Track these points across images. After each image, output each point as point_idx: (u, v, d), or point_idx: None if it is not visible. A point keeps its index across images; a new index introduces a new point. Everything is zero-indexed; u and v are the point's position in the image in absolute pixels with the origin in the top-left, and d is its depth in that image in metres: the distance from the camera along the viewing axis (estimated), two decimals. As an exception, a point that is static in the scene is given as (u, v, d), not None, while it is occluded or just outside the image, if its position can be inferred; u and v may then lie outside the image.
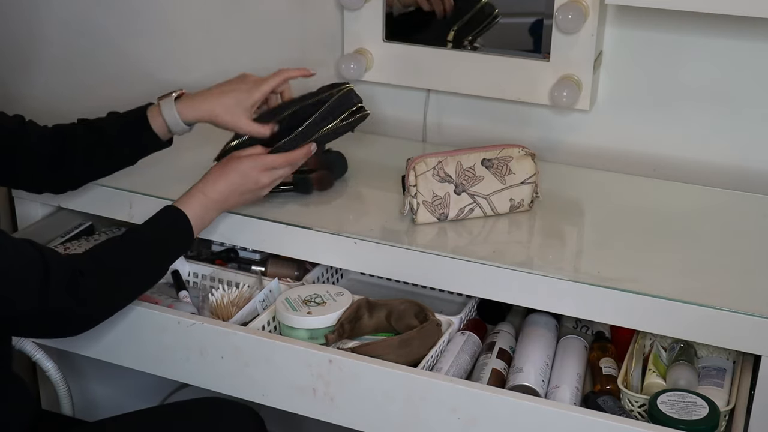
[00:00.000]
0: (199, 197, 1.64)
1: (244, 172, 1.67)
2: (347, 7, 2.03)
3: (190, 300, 1.78)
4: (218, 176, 1.67)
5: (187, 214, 1.62)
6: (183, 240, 1.64)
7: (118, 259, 1.56)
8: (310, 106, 1.74)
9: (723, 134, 1.92)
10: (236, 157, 1.69)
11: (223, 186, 1.66)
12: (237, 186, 1.67)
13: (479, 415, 1.48)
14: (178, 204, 1.64)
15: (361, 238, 1.68)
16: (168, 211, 1.63)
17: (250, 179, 1.67)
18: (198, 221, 1.64)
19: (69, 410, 1.87)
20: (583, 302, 1.56)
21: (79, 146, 1.73)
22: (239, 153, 1.70)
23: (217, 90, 1.75)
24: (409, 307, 1.66)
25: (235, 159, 1.68)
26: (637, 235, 1.71)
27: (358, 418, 1.57)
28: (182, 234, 1.63)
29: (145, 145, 1.76)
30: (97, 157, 1.75)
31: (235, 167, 1.67)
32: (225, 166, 1.68)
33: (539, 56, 1.93)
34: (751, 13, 1.60)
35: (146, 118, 1.73)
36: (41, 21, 2.44)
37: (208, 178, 1.67)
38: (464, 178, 1.72)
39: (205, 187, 1.65)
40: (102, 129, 1.75)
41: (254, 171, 1.67)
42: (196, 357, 1.64)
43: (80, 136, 1.74)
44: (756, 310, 1.47)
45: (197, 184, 1.67)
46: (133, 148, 1.76)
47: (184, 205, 1.63)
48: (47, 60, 2.47)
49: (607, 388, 1.59)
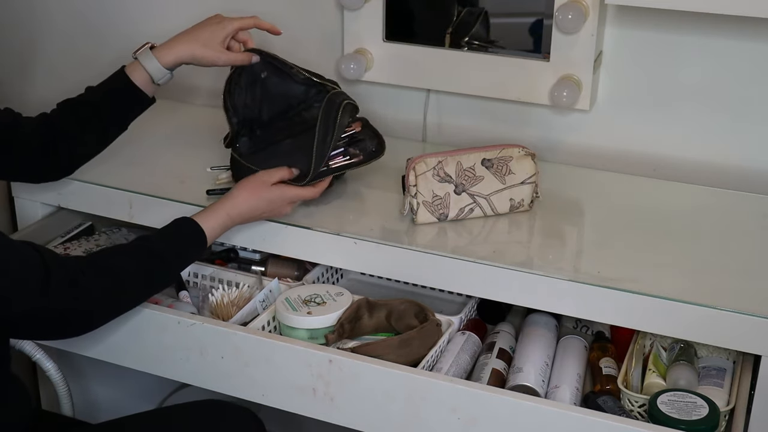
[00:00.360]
0: (222, 216, 1.65)
1: (272, 200, 1.69)
2: (347, 7, 2.03)
3: (190, 300, 1.78)
4: (245, 200, 1.67)
5: (204, 229, 1.63)
6: (194, 253, 1.65)
7: (121, 263, 1.55)
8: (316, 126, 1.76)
9: (723, 134, 1.92)
10: (266, 183, 1.70)
11: (246, 210, 1.68)
12: (260, 213, 1.70)
13: (479, 415, 1.48)
14: (198, 218, 1.64)
15: (361, 238, 1.68)
16: (185, 222, 1.63)
17: (275, 210, 1.71)
18: (212, 236, 1.65)
19: (69, 410, 1.87)
20: (583, 302, 1.56)
21: (69, 125, 1.73)
22: (270, 177, 1.70)
23: (190, 29, 1.77)
24: (409, 307, 1.66)
25: (266, 187, 1.69)
26: (637, 235, 1.71)
27: (358, 418, 1.57)
28: (194, 247, 1.64)
29: (131, 104, 1.76)
30: (88, 130, 1.75)
31: (265, 196, 1.68)
32: (255, 191, 1.68)
33: (539, 56, 1.93)
34: (751, 13, 1.60)
35: (126, 75, 1.74)
36: (40, 23, 2.44)
37: (236, 199, 1.67)
38: (464, 178, 1.72)
39: (231, 209, 1.66)
40: (87, 102, 1.75)
41: (282, 202, 1.70)
42: (196, 357, 1.64)
43: (67, 115, 1.74)
44: (756, 310, 1.47)
45: (223, 202, 1.67)
46: (121, 110, 1.76)
47: (204, 219, 1.64)
48: (46, 61, 2.47)
49: (607, 388, 1.59)
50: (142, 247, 1.59)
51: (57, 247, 1.92)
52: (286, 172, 1.72)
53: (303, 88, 1.80)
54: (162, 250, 1.60)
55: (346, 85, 2.16)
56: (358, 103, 2.06)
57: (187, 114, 2.26)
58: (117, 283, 1.54)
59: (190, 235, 1.62)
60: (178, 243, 1.63)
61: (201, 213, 1.65)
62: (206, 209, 1.67)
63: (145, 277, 1.58)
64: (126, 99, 1.75)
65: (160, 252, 1.59)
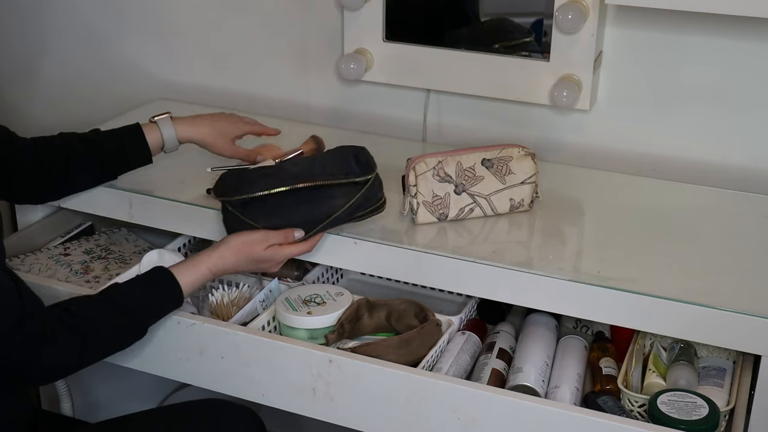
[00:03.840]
0: (203, 272, 1.59)
1: (261, 261, 1.62)
2: (347, 7, 2.03)
3: (190, 300, 1.78)
4: (232, 256, 1.61)
5: (181, 285, 1.57)
6: (169, 309, 1.60)
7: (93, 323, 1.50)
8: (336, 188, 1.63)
9: (723, 134, 1.92)
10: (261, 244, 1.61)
11: (231, 268, 1.62)
12: (245, 268, 1.64)
13: (479, 415, 1.48)
14: (178, 271, 1.58)
15: (361, 238, 1.68)
16: (162, 277, 1.58)
17: (262, 267, 1.65)
18: (190, 291, 1.59)
19: (69, 410, 1.87)
20: (583, 302, 1.56)
21: (70, 158, 1.74)
22: (266, 239, 1.61)
23: (209, 116, 1.86)
24: (409, 307, 1.66)
25: (259, 249, 1.61)
26: (637, 235, 1.71)
27: (358, 418, 1.57)
28: (170, 303, 1.59)
29: (136, 160, 1.79)
30: (84, 170, 1.77)
31: (256, 257, 1.61)
32: (245, 250, 1.61)
33: (539, 56, 1.93)
34: (751, 13, 1.60)
35: (142, 133, 1.78)
36: (45, 23, 2.44)
37: (223, 253, 1.61)
38: (464, 178, 1.72)
39: (215, 266, 1.60)
40: (93, 142, 1.77)
41: (271, 262, 1.63)
42: (196, 357, 1.64)
43: (70, 148, 1.75)
44: (756, 310, 1.47)
45: (209, 255, 1.60)
46: (123, 161, 1.79)
47: (184, 273, 1.58)
48: (49, 61, 2.47)
49: (607, 388, 1.59)
50: (116, 305, 1.53)
51: (57, 247, 1.92)
52: (288, 237, 1.63)
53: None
54: (135, 308, 1.55)
55: (346, 84, 2.17)
56: (358, 102, 2.07)
57: (187, 113, 2.26)
58: (85, 346, 1.49)
59: (166, 291, 1.57)
60: (153, 300, 1.57)
61: (182, 265, 1.60)
62: (188, 261, 1.61)
63: (115, 338, 1.54)
64: (133, 154, 1.79)
65: (132, 310, 1.54)
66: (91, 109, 2.41)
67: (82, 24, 2.40)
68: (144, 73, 2.37)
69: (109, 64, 2.41)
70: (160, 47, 2.34)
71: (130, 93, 2.38)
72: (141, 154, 1.79)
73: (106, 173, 1.80)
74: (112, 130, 1.80)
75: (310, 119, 2.24)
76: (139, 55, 2.36)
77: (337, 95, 2.20)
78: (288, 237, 1.63)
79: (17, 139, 1.73)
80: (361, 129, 2.17)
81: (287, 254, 1.64)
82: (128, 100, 2.36)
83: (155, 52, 2.35)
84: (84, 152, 1.75)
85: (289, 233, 1.63)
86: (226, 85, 2.31)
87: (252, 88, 2.28)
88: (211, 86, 2.32)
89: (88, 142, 1.77)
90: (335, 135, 2.09)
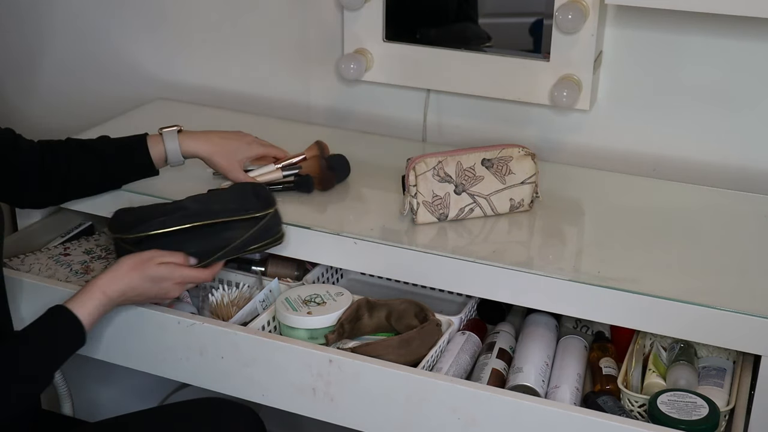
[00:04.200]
0: (97, 295, 1.52)
1: (157, 280, 1.57)
2: (347, 7, 2.03)
3: (190, 300, 1.78)
4: (125, 275, 1.55)
5: (80, 318, 1.50)
6: (72, 346, 1.52)
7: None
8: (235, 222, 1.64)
9: (723, 134, 1.92)
10: (153, 260, 1.57)
11: (127, 288, 1.55)
12: (144, 292, 1.57)
13: (479, 415, 1.48)
14: (73, 304, 1.51)
15: (361, 238, 1.68)
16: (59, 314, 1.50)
17: (162, 290, 1.58)
18: (91, 322, 1.52)
19: (69, 410, 1.87)
20: (583, 302, 1.56)
21: (73, 164, 1.74)
22: (159, 256, 1.58)
23: (220, 133, 1.81)
24: (409, 307, 1.66)
25: (152, 264, 1.56)
26: (637, 235, 1.71)
27: (358, 418, 1.57)
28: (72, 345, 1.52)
29: (138, 171, 1.78)
30: (88, 175, 1.76)
31: (150, 274, 1.56)
32: (138, 267, 1.56)
33: (539, 56, 1.93)
34: (751, 13, 1.60)
35: (146, 145, 1.76)
36: (44, 23, 2.44)
37: (114, 273, 1.55)
38: (464, 178, 1.72)
39: (107, 286, 1.53)
40: (97, 149, 1.77)
41: (168, 282, 1.58)
42: (196, 357, 1.64)
43: (74, 154, 1.75)
44: (756, 310, 1.47)
45: (99, 277, 1.54)
46: (126, 170, 1.78)
47: (79, 305, 1.51)
48: (49, 61, 2.47)
49: (607, 388, 1.59)
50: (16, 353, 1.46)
51: (57, 247, 1.92)
52: (179, 258, 1.59)
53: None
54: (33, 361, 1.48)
55: (346, 84, 2.17)
56: (358, 102, 2.07)
57: (187, 113, 2.26)
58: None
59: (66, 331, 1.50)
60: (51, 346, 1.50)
61: (75, 298, 1.52)
62: (80, 291, 1.53)
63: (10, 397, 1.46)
64: (135, 165, 1.78)
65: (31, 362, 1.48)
66: (91, 109, 2.41)
67: (81, 24, 2.40)
68: (144, 73, 2.37)
69: (108, 63, 2.41)
70: (160, 47, 2.34)
71: (130, 93, 2.38)
72: (143, 166, 1.78)
73: (107, 183, 1.80)
74: (118, 139, 1.79)
75: (309, 119, 2.24)
76: (139, 54, 2.36)
77: (336, 95, 2.20)
78: (182, 258, 1.60)
79: (23, 143, 1.73)
80: (361, 129, 2.17)
81: (186, 276, 1.59)
82: (128, 100, 2.36)
83: (155, 51, 2.35)
84: (86, 162, 1.75)
85: (183, 255, 1.60)
86: (226, 85, 2.31)
87: (252, 88, 2.28)
88: (210, 86, 2.32)
89: (92, 151, 1.76)
90: (335, 135, 2.10)
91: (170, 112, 2.26)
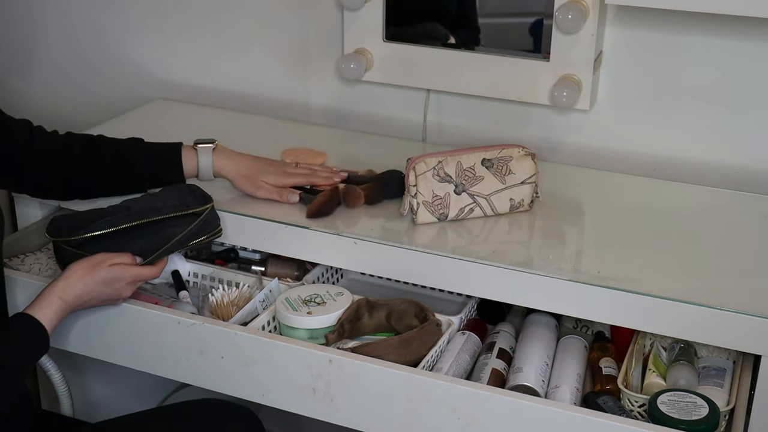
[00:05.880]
0: (55, 301, 1.55)
1: (109, 281, 1.59)
2: (347, 7, 2.03)
3: (190, 300, 1.78)
4: (80, 279, 1.57)
5: (43, 323, 1.52)
6: (37, 351, 1.55)
7: None
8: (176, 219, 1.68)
9: (723, 134, 1.92)
10: (104, 263, 1.59)
11: (82, 292, 1.57)
12: (98, 295, 1.59)
13: (479, 415, 1.48)
14: (33, 310, 1.53)
15: (361, 238, 1.68)
16: (23, 322, 1.52)
17: (115, 290, 1.60)
18: (52, 326, 1.54)
19: (69, 410, 1.87)
20: (583, 302, 1.56)
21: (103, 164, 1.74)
22: (109, 258, 1.60)
23: (252, 158, 1.80)
24: (409, 307, 1.66)
25: (103, 267, 1.59)
26: (637, 235, 1.71)
27: (358, 418, 1.57)
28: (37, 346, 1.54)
29: (166, 178, 1.76)
30: (117, 177, 1.76)
31: (102, 276, 1.58)
32: (90, 271, 1.58)
33: (539, 56, 1.93)
34: (751, 13, 1.60)
35: (180, 156, 1.75)
36: (41, 22, 2.44)
37: (68, 279, 1.57)
38: (464, 178, 1.72)
39: (63, 292, 1.55)
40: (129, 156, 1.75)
41: (120, 282, 1.60)
42: (196, 357, 1.64)
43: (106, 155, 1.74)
44: (756, 310, 1.47)
45: (54, 284, 1.57)
46: (155, 179, 1.76)
47: (39, 310, 1.53)
48: (47, 60, 2.47)
49: (607, 388, 1.59)
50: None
51: (57, 247, 1.92)
52: (128, 258, 1.62)
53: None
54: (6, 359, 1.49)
55: (346, 84, 2.17)
56: (358, 102, 2.07)
57: (187, 113, 2.26)
58: None
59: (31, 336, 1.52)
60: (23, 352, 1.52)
61: (33, 304, 1.54)
62: (37, 298, 1.55)
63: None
64: (165, 172, 1.76)
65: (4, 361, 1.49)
66: (91, 109, 2.41)
67: (80, 23, 2.40)
68: (143, 72, 2.37)
69: (108, 63, 2.41)
70: (160, 47, 2.34)
71: (130, 93, 2.38)
72: (173, 178, 1.76)
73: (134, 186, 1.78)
74: (152, 145, 1.77)
75: (309, 119, 2.24)
76: (139, 54, 2.36)
77: (336, 95, 2.20)
78: (131, 258, 1.62)
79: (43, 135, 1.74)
80: (361, 129, 2.17)
81: (136, 275, 1.62)
82: (128, 99, 2.36)
83: (155, 51, 2.35)
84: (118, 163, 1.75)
85: (130, 255, 1.62)
86: (225, 85, 2.31)
87: (252, 87, 2.28)
88: (210, 86, 2.32)
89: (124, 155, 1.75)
90: (335, 135, 2.10)
91: (170, 112, 2.26)
